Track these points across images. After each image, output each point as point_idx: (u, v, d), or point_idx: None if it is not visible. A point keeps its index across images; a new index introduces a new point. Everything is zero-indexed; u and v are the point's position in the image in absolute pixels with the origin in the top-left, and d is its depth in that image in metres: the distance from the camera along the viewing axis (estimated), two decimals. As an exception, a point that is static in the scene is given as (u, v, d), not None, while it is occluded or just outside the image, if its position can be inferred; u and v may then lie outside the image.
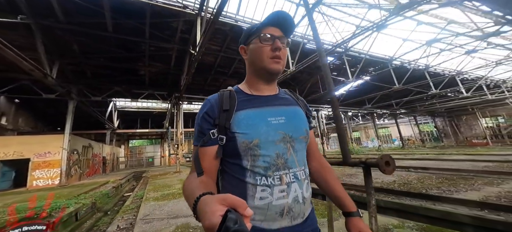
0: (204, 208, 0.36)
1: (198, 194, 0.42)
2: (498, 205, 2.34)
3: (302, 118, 0.68)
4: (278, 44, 0.61)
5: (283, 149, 0.59)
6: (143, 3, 6.37)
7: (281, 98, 0.69)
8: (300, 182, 0.58)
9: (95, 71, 9.10)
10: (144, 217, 3.55)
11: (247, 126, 0.58)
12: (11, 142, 7.55)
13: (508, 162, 6.42)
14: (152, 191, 5.94)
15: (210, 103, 0.63)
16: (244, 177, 0.57)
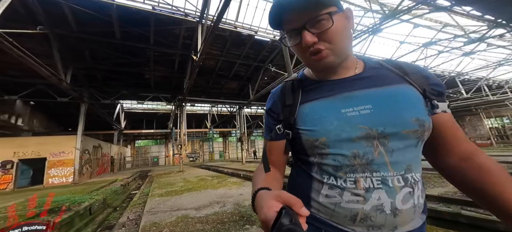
0: (260, 202, 0.37)
1: (257, 188, 0.42)
2: (451, 199, 2.62)
3: (409, 102, 0.47)
4: (307, 40, 0.45)
5: (365, 148, 0.45)
6: (148, 12, 6.86)
7: (366, 77, 0.51)
8: (391, 189, 0.44)
9: (105, 75, 9.70)
10: (150, 209, 3.98)
11: (312, 122, 0.49)
12: (29, 142, 8.20)
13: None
14: (157, 189, 6.40)
15: (273, 98, 0.60)
16: (311, 171, 0.52)
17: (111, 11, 6.58)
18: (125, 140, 23.42)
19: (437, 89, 0.48)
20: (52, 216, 3.53)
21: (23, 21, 6.03)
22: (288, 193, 0.35)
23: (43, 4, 5.80)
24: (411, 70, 0.51)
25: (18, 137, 9.14)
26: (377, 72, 0.51)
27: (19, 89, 8.38)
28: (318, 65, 0.48)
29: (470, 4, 6.08)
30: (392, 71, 0.51)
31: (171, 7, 7.03)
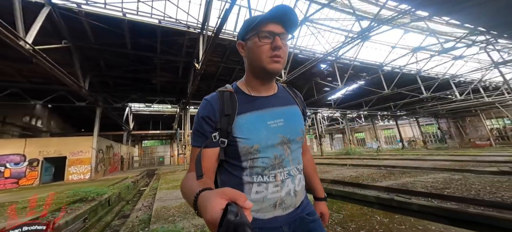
0: (204, 203, 0.36)
1: (197, 191, 0.42)
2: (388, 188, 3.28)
3: (299, 118, 0.69)
4: (278, 43, 0.57)
5: (280, 151, 0.61)
6: (154, 25, 7.68)
7: (280, 97, 0.69)
8: (293, 178, 0.63)
9: (116, 81, 10.63)
10: (159, 198, 4.75)
11: (248, 131, 0.59)
12: (51, 142, 9.18)
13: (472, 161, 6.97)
14: (164, 184, 7.21)
15: (210, 106, 0.61)
16: (242, 175, 0.60)
17: (123, 25, 7.43)
18: (133, 141, 24.55)
19: (305, 111, 0.78)
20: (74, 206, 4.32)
21: (50, 36, 6.93)
22: (232, 189, 0.35)
23: (67, 21, 6.69)
24: (297, 95, 0.76)
25: (42, 138, 10.18)
26: (284, 93, 0.72)
27: (43, 94, 9.40)
28: (273, 67, 0.58)
29: (446, 14, 6.59)
30: (290, 94, 0.73)
31: (175, 20, 7.83)
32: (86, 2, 6.61)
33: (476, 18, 6.55)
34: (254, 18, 0.60)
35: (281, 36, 0.58)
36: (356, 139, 35.32)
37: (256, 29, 0.59)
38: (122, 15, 7.15)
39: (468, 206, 2.39)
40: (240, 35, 0.66)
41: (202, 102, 0.64)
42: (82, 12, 6.62)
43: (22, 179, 8.14)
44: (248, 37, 0.62)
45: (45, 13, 5.59)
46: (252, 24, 0.60)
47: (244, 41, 0.64)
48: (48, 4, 5.73)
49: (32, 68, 7.76)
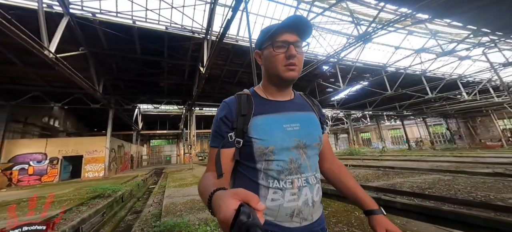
0: (218, 202, 0.37)
1: (212, 190, 0.43)
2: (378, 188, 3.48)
3: (316, 125, 0.69)
4: (292, 51, 0.60)
5: (296, 155, 0.61)
6: (162, 31, 8.11)
7: (296, 103, 0.71)
8: (311, 186, 0.60)
9: (127, 84, 11.24)
10: (168, 195, 5.16)
11: (263, 132, 0.60)
12: (69, 142, 9.89)
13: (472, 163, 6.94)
14: (171, 182, 7.65)
15: (228, 107, 0.64)
16: (257, 178, 0.60)
17: (133, 31, 7.91)
18: (141, 140, 25.49)
19: (324, 118, 0.76)
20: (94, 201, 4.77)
21: (68, 43, 7.51)
22: (245, 190, 0.36)
23: (83, 29, 7.24)
24: (314, 103, 0.76)
25: (61, 138, 10.94)
26: (301, 100, 0.73)
27: (62, 97, 10.13)
28: (288, 75, 0.61)
29: (447, 16, 6.61)
30: (307, 101, 0.74)
31: (181, 27, 8.25)
32: (100, 11, 7.14)
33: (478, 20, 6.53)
34: (269, 28, 0.64)
35: (295, 44, 0.61)
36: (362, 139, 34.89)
37: (271, 39, 0.62)
38: (132, 23, 7.63)
39: (443, 204, 2.58)
40: (257, 45, 0.69)
41: (221, 104, 0.67)
42: (97, 21, 7.14)
43: (43, 176, 8.87)
44: (264, 47, 0.66)
45: (64, 22, 6.12)
46: (267, 34, 0.64)
47: (261, 50, 0.68)
48: (67, 14, 6.26)
49: (52, 73, 8.42)
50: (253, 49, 0.76)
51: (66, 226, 2.78)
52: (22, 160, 8.72)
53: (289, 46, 0.60)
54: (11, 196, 5.88)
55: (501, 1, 5.59)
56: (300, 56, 0.62)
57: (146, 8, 7.50)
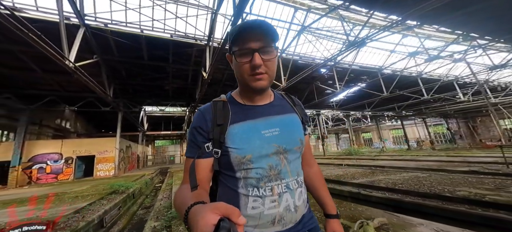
0: (195, 217, 0.35)
1: (189, 204, 0.41)
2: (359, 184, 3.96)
3: (297, 127, 0.67)
4: (256, 61, 0.55)
5: (276, 161, 0.59)
6: (167, 39, 8.70)
7: (275, 106, 0.68)
8: (292, 191, 0.59)
9: (135, 88, 11.91)
10: (176, 191, 5.74)
11: (240, 141, 0.58)
12: (82, 143, 10.61)
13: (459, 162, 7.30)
14: (177, 180, 8.26)
15: (203, 116, 0.62)
16: (237, 187, 0.59)
17: (141, 40, 8.53)
18: (146, 140, 26.29)
19: (306, 118, 0.74)
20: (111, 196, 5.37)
21: (83, 51, 8.16)
22: (225, 204, 0.34)
23: (96, 38, 7.87)
24: (297, 103, 0.74)
25: (75, 139, 11.68)
26: (281, 102, 0.71)
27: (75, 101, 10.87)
28: (256, 85, 0.57)
29: (435, 23, 7.00)
30: (288, 102, 0.73)
31: (184, 34, 8.83)
32: (111, 22, 7.77)
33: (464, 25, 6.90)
34: (232, 30, 0.58)
35: (260, 50, 0.56)
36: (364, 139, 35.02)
37: (236, 46, 0.58)
38: (140, 32, 8.24)
39: (406, 196, 3.03)
40: (229, 48, 0.65)
41: (196, 112, 0.65)
42: (108, 30, 7.77)
43: (60, 175, 9.58)
44: (231, 52, 0.61)
45: (81, 33, 6.75)
46: (232, 36, 0.58)
47: (231, 54, 0.62)
48: (83, 25, 6.89)
49: (67, 79, 9.12)
50: None
51: (94, 216, 3.34)
52: (41, 160, 9.45)
53: (254, 54, 0.56)
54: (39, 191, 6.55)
55: (484, 9, 5.96)
56: (269, 62, 0.58)
57: (153, 18, 8.10)
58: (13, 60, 7.88)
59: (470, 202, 2.81)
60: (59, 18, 5.62)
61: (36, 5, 6.53)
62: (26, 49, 7.15)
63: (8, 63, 7.99)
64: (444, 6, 5.79)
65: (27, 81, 9.13)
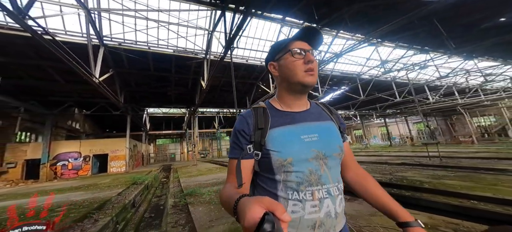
0: (243, 208, 0.37)
1: (237, 197, 0.44)
2: None
3: (335, 134, 0.69)
4: (311, 57, 0.62)
5: (316, 166, 0.60)
6: (170, 54, 10.15)
7: (313, 113, 0.71)
8: (333, 198, 0.59)
9: (141, 94, 13.38)
10: (183, 182, 7.29)
11: (281, 144, 0.60)
12: (96, 143, 12.08)
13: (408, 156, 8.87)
14: (182, 174, 9.81)
15: (245, 120, 0.65)
16: (276, 190, 0.60)
17: (148, 55, 9.98)
18: (149, 139, 27.74)
19: (344, 126, 0.77)
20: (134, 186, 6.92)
21: (102, 66, 9.64)
22: (270, 199, 0.35)
23: (112, 55, 9.30)
24: (333, 111, 0.78)
25: (90, 140, 13.16)
26: (317, 109, 0.74)
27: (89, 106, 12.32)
28: (309, 80, 0.63)
29: (392, 40, 8.60)
30: (324, 110, 0.76)
31: (185, 50, 10.31)
32: (123, 41, 9.23)
33: (414, 42, 8.51)
34: (283, 40, 0.67)
35: (310, 52, 0.64)
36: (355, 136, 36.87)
37: (288, 48, 0.65)
38: (147, 48, 9.70)
39: None
40: (270, 57, 0.71)
41: (238, 117, 0.69)
42: (122, 48, 9.21)
43: (79, 171, 11.06)
44: (279, 57, 0.68)
45: (101, 52, 8.19)
46: (282, 45, 0.67)
47: (276, 61, 0.69)
48: (102, 45, 8.33)
49: (83, 87, 10.56)
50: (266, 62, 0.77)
51: (131, 197, 4.83)
52: (63, 158, 10.92)
53: (307, 52, 0.64)
54: (71, 184, 8.06)
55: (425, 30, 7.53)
56: (316, 63, 0.65)
57: (158, 38, 9.56)
58: (41, 73, 9.32)
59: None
60: (87, 42, 7.06)
61: (65, 29, 7.95)
62: (54, 64, 8.61)
63: (37, 75, 9.42)
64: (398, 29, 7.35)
65: (50, 90, 10.55)
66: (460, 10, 6.35)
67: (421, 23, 6.92)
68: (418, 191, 3.91)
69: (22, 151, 10.30)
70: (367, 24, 7.60)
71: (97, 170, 12.29)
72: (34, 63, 8.43)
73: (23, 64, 8.41)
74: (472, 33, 7.72)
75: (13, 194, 6.49)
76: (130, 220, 4.49)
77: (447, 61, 12.30)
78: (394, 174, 5.30)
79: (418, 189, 3.94)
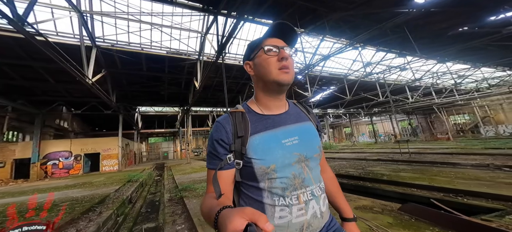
0: (224, 221, 0.36)
1: (218, 209, 0.43)
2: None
3: (314, 135, 0.69)
4: (285, 53, 0.60)
5: (299, 170, 0.60)
6: (163, 55, 10.36)
7: (292, 114, 0.70)
8: (317, 198, 0.61)
9: (133, 93, 13.42)
10: (177, 178, 7.63)
11: (263, 152, 0.59)
12: (88, 142, 12.05)
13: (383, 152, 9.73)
14: (176, 172, 10.08)
15: (223, 128, 0.62)
16: (262, 198, 0.59)
17: (141, 55, 10.12)
18: (141, 138, 27.48)
19: (320, 126, 0.78)
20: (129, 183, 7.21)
21: (95, 66, 9.68)
22: (252, 209, 0.35)
23: (105, 56, 9.37)
24: (310, 111, 0.77)
25: (81, 138, 13.05)
26: (296, 110, 0.72)
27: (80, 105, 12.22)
28: (283, 78, 0.60)
29: (373, 45, 9.34)
30: (302, 110, 0.74)
31: (178, 51, 10.54)
32: (116, 42, 9.34)
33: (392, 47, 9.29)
34: (256, 39, 0.66)
35: (285, 49, 0.62)
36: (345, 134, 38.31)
37: (261, 45, 0.63)
38: (140, 49, 9.85)
39: None
40: (246, 56, 0.70)
41: (215, 124, 0.65)
42: (114, 49, 9.33)
43: (71, 170, 11.05)
44: (254, 55, 0.66)
45: (94, 54, 8.29)
46: (256, 43, 0.66)
47: (251, 60, 0.67)
48: (95, 46, 8.43)
49: (74, 87, 10.54)
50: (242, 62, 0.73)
51: (128, 193, 5.17)
52: (54, 157, 10.86)
53: (280, 49, 0.61)
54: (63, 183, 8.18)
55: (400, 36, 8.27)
56: (291, 60, 0.63)
57: (151, 40, 9.75)
58: (31, 73, 9.26)
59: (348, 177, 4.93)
60: (80, 44, 7.19)
61: (56, 30, 7.99)
62: (46, 65, 8.61)
63: (27, 75, 9.34)
64: (377, 35, 8.04)
65: (40, 89, 10.44)
66: (428, 19, 7.12)
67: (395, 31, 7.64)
68: (378, 182, 4.61)
69: (11, 151, 10.17)
70: (349, 30, 8.24)
71: (89, 169, 12.30)
72: (25, 63, 8.41)
73: (13, 64, 8.36)
74: (443, 39, 8.59)
75: (10, 193, 6.60)
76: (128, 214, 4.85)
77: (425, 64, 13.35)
78: (365, 169, 6.00)
79: (378, 181, 4.64)
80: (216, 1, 6.62)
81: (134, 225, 4.31)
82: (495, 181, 3.77)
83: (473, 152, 7.52)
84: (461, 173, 4.66)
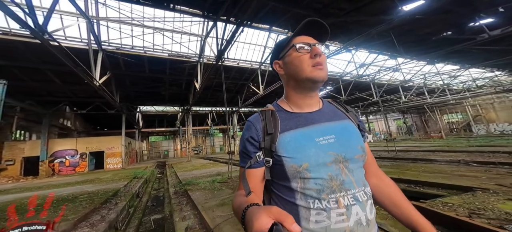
0: (251, 218, 0.36)
1: (245, 206, 0.43)
2: None
3: (355, 134, 0.63)
4: (317, 50, 0.58)
5: (336, 171, 0.55)
6: (165, 58, 10.82)
7: (326, 112, 0.65)
8: (362, 204, 0.54)
9: (136, 94, 13.88)
10: (180, 175, 8.13)
11: (294, 149, 0.56)
12: (92, 141, 12.51)
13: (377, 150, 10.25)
14: (178, 170, 10.60)
15: (253, 126, 0.61)
16: (295, 199, 0.55)
17: (144, 58, 10.58)
18: (142, 137, 27.94)
19: (363, 125, 0.70)
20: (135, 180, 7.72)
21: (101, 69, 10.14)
22: (279, 208, 0.34)
23: (110, 59, 9.84)
24: (348, 109, 0.71)
25: (86, 137, 13.51)
26: (331, 108, 0.68)
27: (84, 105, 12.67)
28: (318, 75, 0.57)
29: (365, 48, 9.85)
30: (338, 108, 0.69)
31: (179, 54, 11.01)
32: (121, 46, 9.80)
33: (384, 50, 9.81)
34: (285, 37, 0.65)
35: (316, 46, 0.60)
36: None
37: (292, 44, 0.61)
38: (143, 52, 10.30)
39: None
40: (274, 56, 0.68)
41: (246, 124, 0.65)
42: (119, 53, 9.78)
43: (77, 167, 11.52)
44: (284, 54, 0.64)
45: (100, 56, 8.74)
46: (285, 41, 0.64)
47: (280, 59, 0.65)
48: (101, 50, 8.88)
49: (79, 88, 10.99)
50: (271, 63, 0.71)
51: (135, 188, 5.66)
52: (60, 155, 11.33)
53: (313, 46, 0.59)
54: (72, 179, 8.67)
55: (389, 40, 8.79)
56: (324, 56, 0.61)
57: (154, 43, 10.21)
58: (39, 75, 9.70)
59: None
60: (88, 47, 7.63)
61: (65, 35, 8.43)
62: (54, 67, 9.06)
63: (35, 77, 9.78)
64: (369, 39, 8.54)
65: (46, 90, 10.88)
66: (414, 25, 7.63)
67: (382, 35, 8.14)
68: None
69: (20, 149, 10.63)
70: (341, 35, 8.73)
71: (94, 167, 12.77)
72: (34, 66, 8.86)
73: (23, 67, 8.81)
74: (428, 43, 9.11)
75: (28, 188, 7.09)
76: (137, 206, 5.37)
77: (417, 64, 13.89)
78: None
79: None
80: (215, 8, 7.08)
81: (143, 216, 4.83)
82: (452, 174, 4.31)
83: (455, 149, 8.07)
84: (430, 167, 5.19)
